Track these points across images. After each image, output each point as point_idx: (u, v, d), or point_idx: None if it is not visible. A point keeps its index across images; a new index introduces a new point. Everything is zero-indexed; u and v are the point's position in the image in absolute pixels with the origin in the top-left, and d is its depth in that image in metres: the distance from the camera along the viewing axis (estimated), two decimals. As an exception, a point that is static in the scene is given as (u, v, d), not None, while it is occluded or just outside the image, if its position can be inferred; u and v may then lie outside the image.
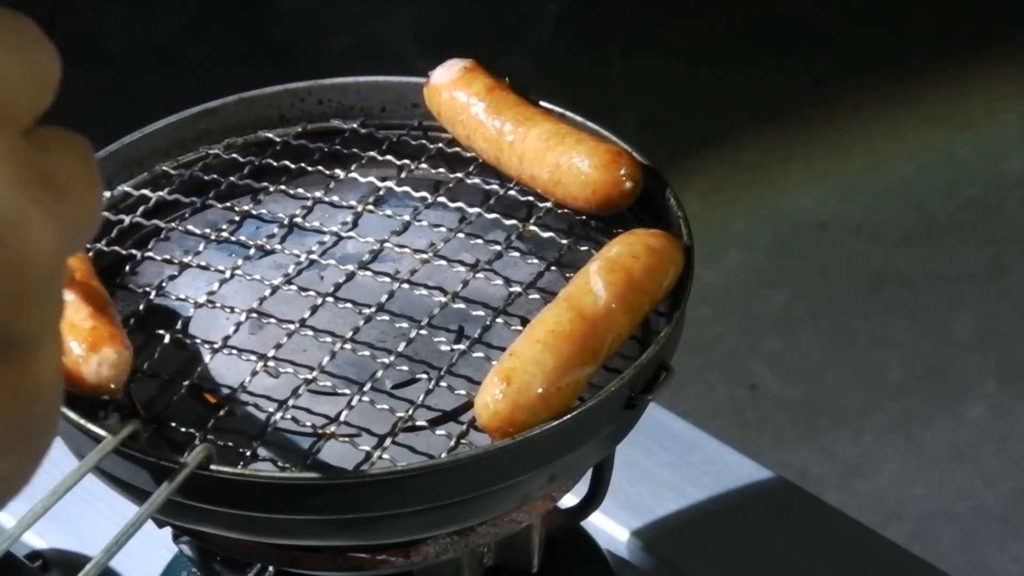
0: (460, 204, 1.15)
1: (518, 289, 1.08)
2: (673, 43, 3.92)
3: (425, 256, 1.11)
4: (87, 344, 0.96)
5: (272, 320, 1.07)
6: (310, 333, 1.06)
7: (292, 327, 1.06)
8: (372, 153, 1.21)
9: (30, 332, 0.49)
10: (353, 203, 1.17)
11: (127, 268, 1.13)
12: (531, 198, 1.16)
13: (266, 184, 1.19)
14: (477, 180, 1.18)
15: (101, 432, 0.94)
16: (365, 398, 1.00)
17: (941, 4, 4.03)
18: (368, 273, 1.10)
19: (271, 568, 1.10)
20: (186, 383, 1.03)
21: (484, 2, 3.89)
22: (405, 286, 1.09)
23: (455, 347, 1.04)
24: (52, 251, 0.49)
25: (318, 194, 1.18)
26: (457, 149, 1.20)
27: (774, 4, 4.03)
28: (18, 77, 0.51)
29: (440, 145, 1.21)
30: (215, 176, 1.19)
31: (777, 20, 3.98)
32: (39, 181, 0.49)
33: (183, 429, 1.00)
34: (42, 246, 0.49)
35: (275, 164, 1.20)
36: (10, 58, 0.51)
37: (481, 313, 1.06)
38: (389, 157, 1.20)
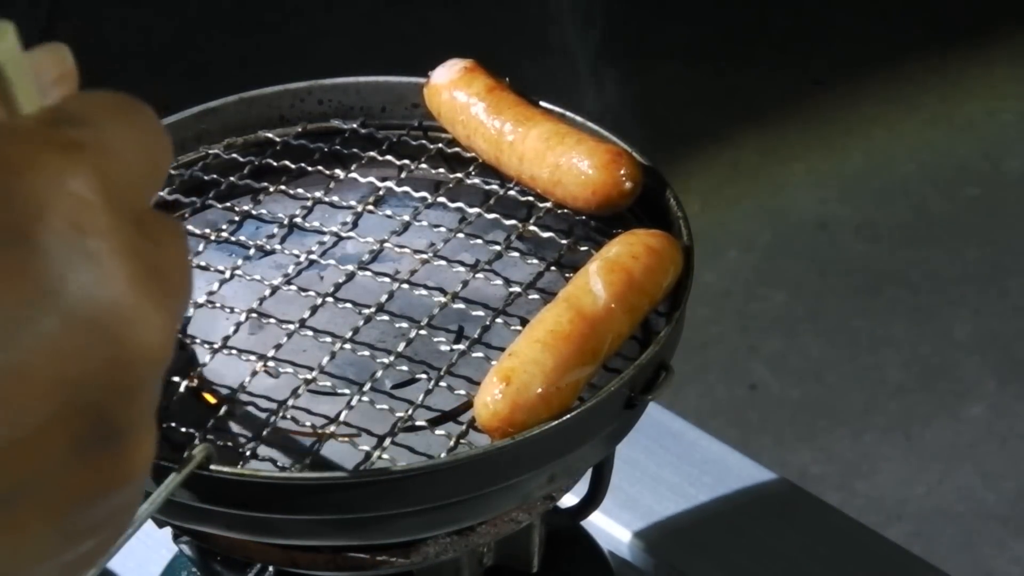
0: (460, 204, 1.15)
1: (518, 289, 1.08)
2: (673, 43, 3.92)
3: (425, 256, 1.11)
4: None
5: (272, 320, 1.07)
6: (310, 333, 1.06)
7: (292, 327, 1.06)
8: (372, 153, 1.21)
9: (133, 422, 0.49)
10: (353, 203, 1.17)
11: (127, 268, 1.13)
12: (531, 198, 1.16)
13: (266, 184, 1.19)
14: (477, 180, 1.18)
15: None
16: (365, 398, 1.00)
17: (941, 4, 4.03)
18: (368, 273, 1.10)
19: (271, 568, 1.10)
20: (186, 383, 1.03)
21: (484, 2, 3.89)
22: (405, 286, 1.09)
23: (455, 347, 1.04)
24: (161, 345, 0.49)
25: (318, 194, 1.18)
26: (457, 149, 1.20)
27: (774, 4, 4.03)
28: (137, 168, 0.51)
29: (440, 145, 1.21)
30: (215, 176, 1.19)
31: (777, 20, 3.97)
32: (152, 276, 0.49)
33: (183, 429, 1.00)
34: (153, 341, 0.49)
35: (275, 164, 1.20)
36: (131, 149, 0.51)
37: (481, 313, 1.06)
38: (389, 157, 1.20)
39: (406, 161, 1.20)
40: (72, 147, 0.48)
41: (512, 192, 1.16)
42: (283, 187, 1.19)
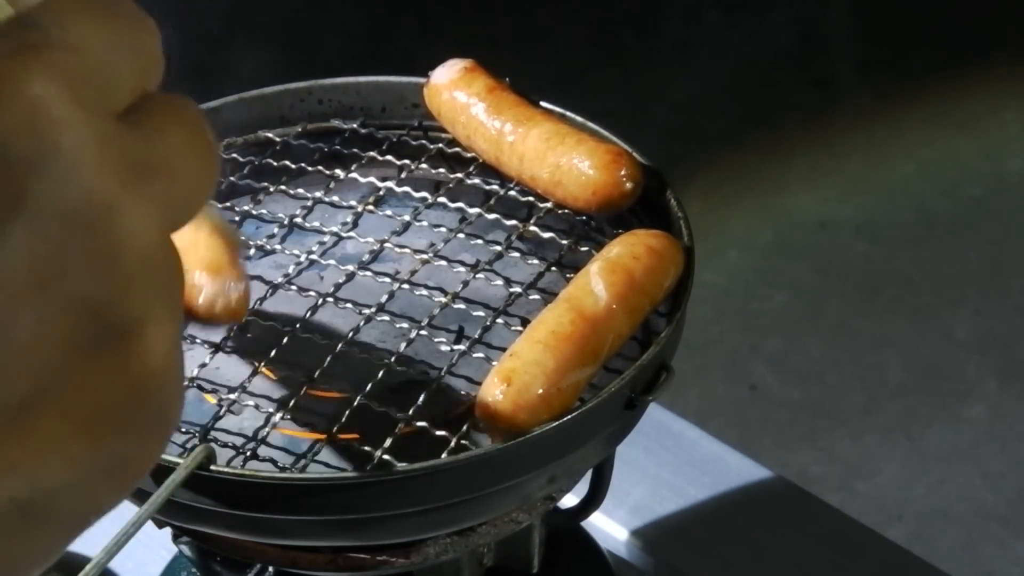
0: (460, 204, 1.15)
1: (518, 289, 1.08)
2: (673, 43, 3.92)
3: (425, 256, 1.11)
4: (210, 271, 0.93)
5: (272, 320, 1.07)
6: (310, 333, 1.06)
7: (292, 327, 1.06)
8: (372, 153, 1.21)
9: (134, 314, 0.49)
10: (353, 203, 1.17)
11: (127, 268, 1.13)
12: (531, 198, 1.16)
13: (266, 184, 1.19)
14: (477, 180, 1.18)
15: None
16: (365, 398, 1.00)
17: (941, 4, 4.03)
18: (368, 273, 1.10)
19: (271, 568, 1.10)
20: (186, 383, 1.03)
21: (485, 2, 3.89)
22: (405, 286, 1.09)
23: (455, 347, 1.04)
24: (150, 232, 0.49)
25: (318, 194, 1.18)
26: (457, 149, 1.20)
27: (774, 4, 4.03)
28: (109, 58, 0.50)
29: (440, 145, 1.21)
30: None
31: (777, 20, 3.97)
32: (131, 165, 0.49)
33: (183, 429, 1.00)
34: (137, 228, 0.48)
35: (275, 164, 1.20)
36: (103, 41, 0.50)
37: (481, 313, 1.06)
38: (389, 157, 1.20)
39: (406, 161, 1.20)
40: (28, 50, 0.48)
41: (512, 192, 1.16)
42: (283, 187, 1.19)
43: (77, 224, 0.47)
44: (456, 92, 1.18)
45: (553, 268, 1.10)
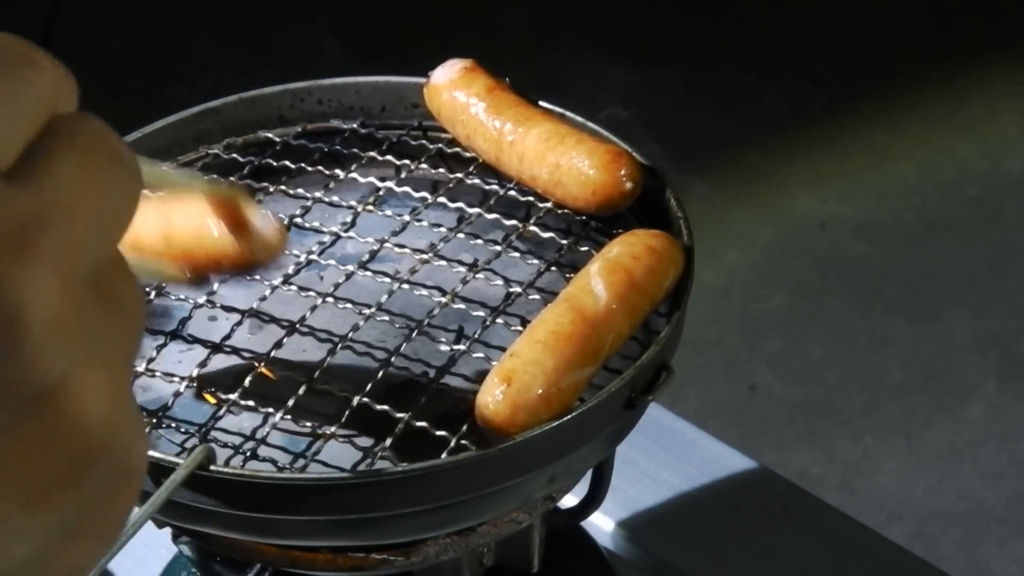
0: (460, 204, 1.15)
1: (518, 289, 1.08)
2: (673, 43, 3.92)
3: (425, 256, 1.11)
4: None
5: (272, 320, 1.07)
6: (310, 333, 1.06)
7: (292, 327, 1.06)
8: (372, 153, 1.21)
9: (52, 376, 0.46)
10: (353, 203, 1.17)
11: (127, 268, 1.13)
12: (531, 198, 1.16)
13: (266, 184, 1.19)
14: (477, 180, 1.18)
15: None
16: (365, 398, 1.00)
17: (941, 4, 4.03)
18: (368, 273, 1.10)
19: (271, 568, 1.10)
20: (186, 383, 1.03)
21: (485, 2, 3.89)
22: (405, 286, 1.09)
23: (455, 347, 1.04)
24: (48, 293, 0.45)
25: (318, 194, 1.18)
26: (457, 149, 1.20)
27: (774, 4, 4.03)
28: (97, 220, 0.47)
29: (440, 145, 1.21)
30: (215, 176, 1.19)
31: (777, 20, 3.97)
32: (15, 229, 0.45)
33: (183, 429, 1.00)
34: (33, 295, 0.45)
35: (275, 164, 1.20)
36: (90, 203, 0.47)
37: (481, 313, 1.06)
38: (389, 157, 1.20)
39: (406, 161, 1.20)
40: (15, 231, 0.45)
41: (512, 192, 1.16)
42: (283, 187, 1.19)
43: None
44: (456, 92, 1.18)
45: (553, 268, 1.10)
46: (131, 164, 0.49)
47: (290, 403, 1.01)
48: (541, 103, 1.19)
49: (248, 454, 0.98)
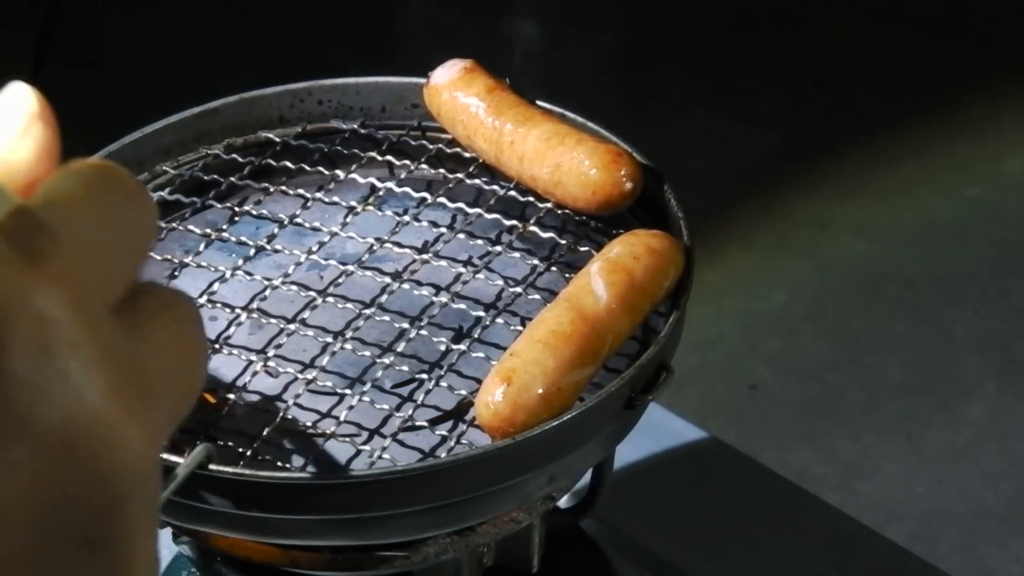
0: (460, 204, 1.15)
1: (518, 289, 1.08)
2: (673, 43, 3.92)
3: (425, 256, 1.11)
4: None
5: (271, 319, 1.07)
6: (310, 333, 1.06)
7: (292, 327, 1.06)
8: (372, 153, 1.21)
9: (123, 533, 0.47)
10: (353, 203, 1.17)
11: (127, 268, 1.13)
12: (531, 198, 1.16)
13: (266, 184, 1.19)
14: (477, 180, 1.18)
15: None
16: (365, 398, 1.00)
17: (941, 3, 4.03)
18: (368, 273, 1.10)
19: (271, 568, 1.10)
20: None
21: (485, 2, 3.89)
22: (405, 286, 1.09)
23: (455, 347, 1.04)
24: (142, 456, 0.47)
25: (318, 194, 1.18)
26: (457, 149, 1.20)
27: (774, 4, 4.03)
28: (115, 254, 0.48)
29: (440, 145, 1.21)
30: (215, 176, 1.19)
31: (777, 20, 3.97)
32: (133, 382, 0.47)
33: (183, 429, 1.00)
34: (131, 454, 0.47)
35: (275, 164, 1.20)
36: (107, 237, 0.48)
37: (481, 313, 1.06)
38: (389, 157, 1.21)
39: (406, 161, 1.20)
40: (36, 259, 0.46)
41: (512, 192, 1.16)
42: (283, 187, 1.19)
43: (78, 451, 0.46)
44: (456, 92, 1.18)
45: (553, 268, 1.10)
46: (204, 349, 0.53)
47: (290, 402, 1.01)
48: (541, 103, 1.19)
49: (248, 454, 0.98)
